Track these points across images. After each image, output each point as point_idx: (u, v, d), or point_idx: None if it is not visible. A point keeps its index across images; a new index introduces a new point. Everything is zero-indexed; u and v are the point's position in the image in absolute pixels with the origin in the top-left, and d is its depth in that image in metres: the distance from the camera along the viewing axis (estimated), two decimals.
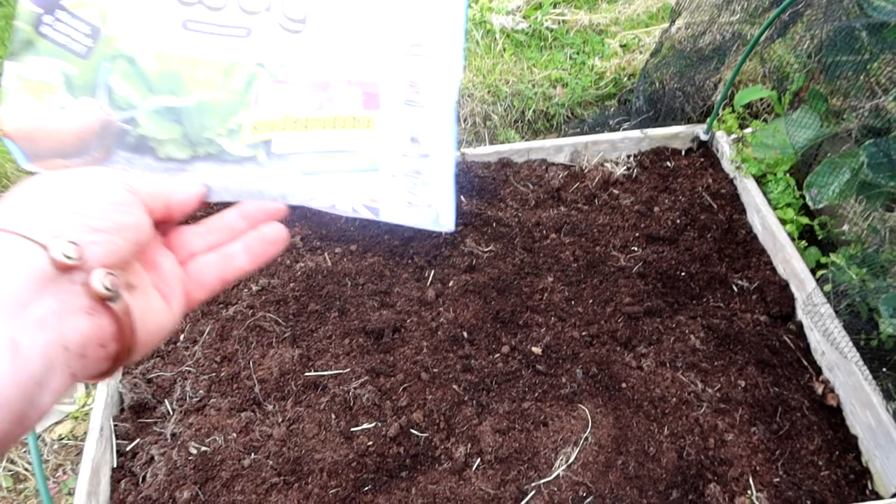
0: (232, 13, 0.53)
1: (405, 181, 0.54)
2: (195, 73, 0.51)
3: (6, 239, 0.35)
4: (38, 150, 0.48)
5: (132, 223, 0.40)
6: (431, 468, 1.18)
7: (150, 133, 0.50)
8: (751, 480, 1.14)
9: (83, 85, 0.49)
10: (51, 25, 0.48)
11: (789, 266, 1.40)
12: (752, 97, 1.62)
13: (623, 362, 1.29)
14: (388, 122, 0.56)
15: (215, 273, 0.47)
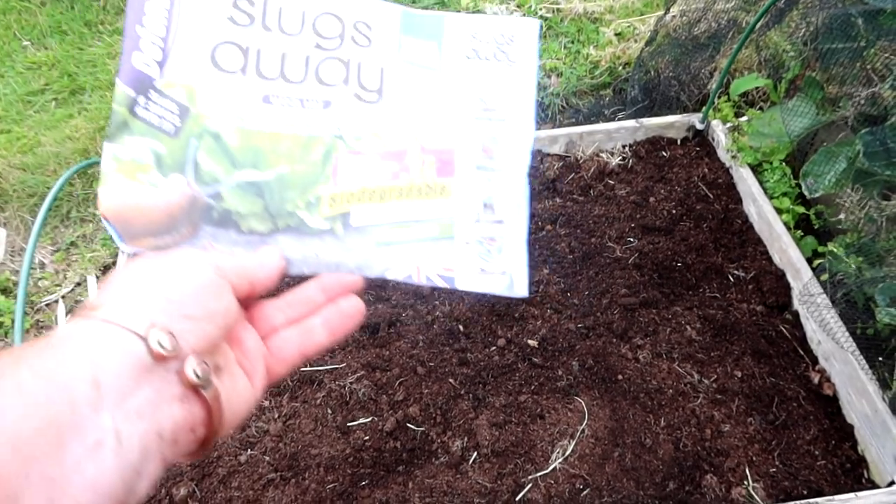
0: (311, 86, 0.54)
1: (479, 248, 0.55)
2: (276, 148, 0.53)
3: (108, 330, 0.36)
4: (133, 230, 0.49)
5: (222, 308, 0.42)
6: (428, 462, 1.18)
7: (234, 207, 0.52)
8: (747, 471, 1.15)
9: (172, 163, 0.51)
10: (144, 106, 0.50)
11: (785, 256, 1.39)
12: (748, 86, 1.61)
13: (619, 354, 1.29)
14: (462, 188, 0.56)
15: (296, 348, 0.48)
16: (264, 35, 0.55)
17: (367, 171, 0.55)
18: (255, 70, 0.54)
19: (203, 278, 0.42)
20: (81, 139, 2.02)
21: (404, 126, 0.56)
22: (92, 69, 2.24)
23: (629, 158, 1.66)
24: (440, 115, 0.58)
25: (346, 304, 0.50)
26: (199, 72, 0.53)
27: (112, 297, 0.38)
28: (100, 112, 2.07)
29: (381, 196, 0.54)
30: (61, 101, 2.21)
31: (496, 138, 0.58)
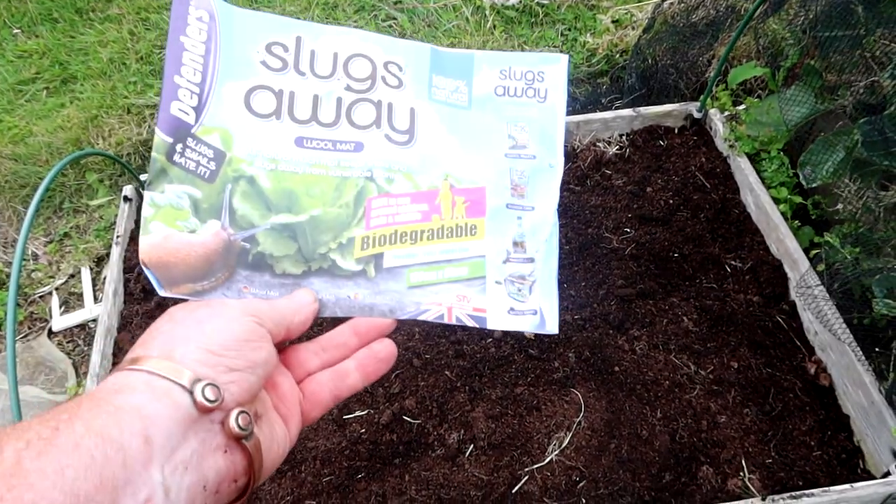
0: (343, 129, 0.56)
1: (509, 287, 0.56)
2: (309, 190, 0.54)
3: (156, 384, 0.37)
4: (172, 277, 0.50)
5: (262, 359, 0.43)
6: (425, 455, 1.18)
7: (268, 250, 0.53)
8: (743, 462, 1.15)
9: (209, 208, 0.52)
10: (181, 153, 0.52)
11: (783, 246, 1.39)
12: (746, 75, 1.60)
13: (616, 345, 1.29)
14: (492, 227, 0.57)
15: (329, 391, 0.49)
16: (297, 79, 0.56)
17: (399, 212, 0.56)
18: (288, 114, 0.55)
19: (243, 328, 0.43)
20: (73, 129, 2.01)
21: (435, 167, 0.57)
22: (84, 57, 2.22)
23: (626, 148, 1.65)
24: (470, 155, 0.59)
25: (379, 348, 0.51)
26: (235, 117, 0.54)
27: (156, 348, 0.40)
28: (91, 101, 2.05)
29: (413, 238, 0.55)
30: (53, 90, 2.19)
31: (526, 175, 0.59)
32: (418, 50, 0.60)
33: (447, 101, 0.60)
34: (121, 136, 1.95)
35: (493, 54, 0.61)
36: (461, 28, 2.04)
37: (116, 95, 2.05)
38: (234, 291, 0.52)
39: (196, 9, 0.54)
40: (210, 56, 0.54)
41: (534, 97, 0.61)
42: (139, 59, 2.15)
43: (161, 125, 0.52)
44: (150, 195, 0.51)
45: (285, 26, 0.57)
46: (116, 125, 1.97)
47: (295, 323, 0.48)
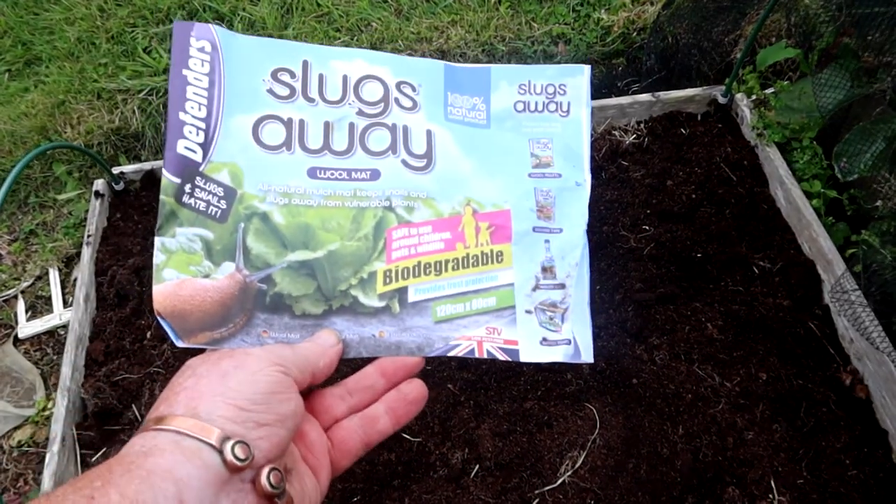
0: (358, 157, 0.57)
1: (541, 316, 0.57)
2: (325, 224, 0.55)
3: (183, 443, 0.38)
4: (188, 326, 0.52)
5: (291, 411, 0.44)
6: (426, 476, 1.18)
7: (286, 290, 0.54)
8: (773, 483, 1.15)
9: (222, 249, 0.54)
10: (190, 193, 0.53)
11: (815, 244, 1.39)
12: (777, 57, 1.59)
13: (633, 355, 1.29)
14: (519, 253, 0.58)
15: (359, 439, 0.51)
16: (307, 106, 0.57)
17: (421, 243, 0.56)
18: (299, 144, 0.56)
19: (269, 380, 0.44)
20: (39, 115, 2.00)
21: (456, 191, 0.58)
22: (49, 37, 2.20)
23: (644, 136, 1.65)
24: (492, 177, 0.59)
25: (409, 389, 0.52)
26: (244, 151, 0.55)
27: (181, 406, 0.41)
28: (58, 85, 2.04)
29: (438, 269, 0.56)
30: (15, 73, 2.18)
31: (552, 196, 0.59)
32: (431, 67, 0.61)
33: (464, 120, 0.60)
34: (91, 124, 1.94)
35: (510, 68, 0.62)
36: (463, 4, 2.02)
37: (85, 79, 2.04)
38: (253, 337, 0.53)
39: (197, 40, 0.55)
40: (215, 88, 0.55)
41: (556, 111, 0.61)
42: (110, 39, 2.14)
43: (168, 166, 0.53)
44: (160, 241, 0.52)
45: (291, 51, 0.58)
46: (86, 112, 1.97)
47: (320, 367, 0.49)
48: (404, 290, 0.55)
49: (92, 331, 1.46)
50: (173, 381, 0.44)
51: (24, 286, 1.78)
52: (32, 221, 1.89)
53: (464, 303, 0.56)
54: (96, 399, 1.31)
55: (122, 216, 1.66)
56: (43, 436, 1.53)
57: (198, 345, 0.52)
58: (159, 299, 0.51)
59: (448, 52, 1.90)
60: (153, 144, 1.93)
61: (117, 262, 1.54)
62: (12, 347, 1.66)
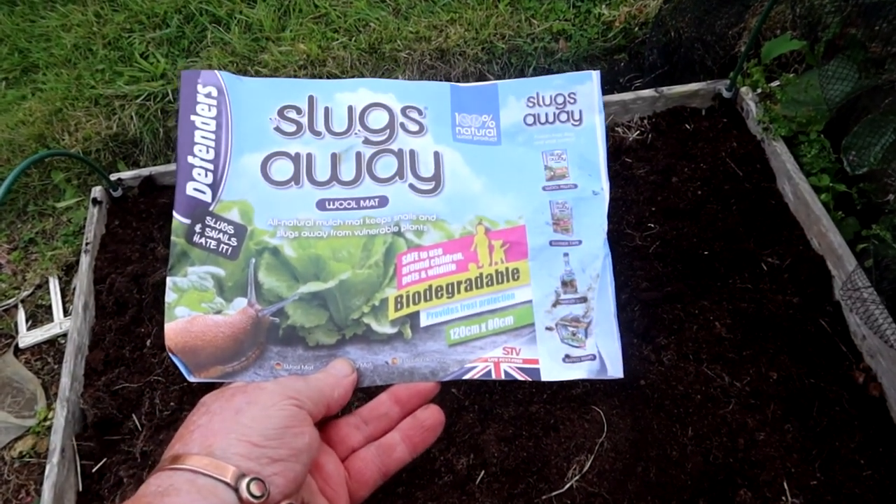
0: (366, 185, 0.58)
1: (562, 332, 0.56)
2: (336, 254, 0.56)
3: (199, 482, 0.39)
4: (200, 361, 0.53)
5: (305, 444, 0.44)
6: (431, 482, 1.16)
7: (299, 322, 0.55)
8: (785, 484, 1.13)
9: (234, 285, 0.55)
10: (201, 233, 0.54)
11: (825, 240, 1.37)
12: (782, 49, 1.57)
13: (641, 356, 1.27)
14: (537, 269, 0.57)
15: (376, 469, 0.50)
16: (314, 140, 0.59)
17: (432, 266, 0.56)
18: (307, 178, 0.57)
19: (283, 414, 0.44)
20: (36, 123, 1.99)
21: (466, 211, 0.58)
22: (45, 44, 2.20)
23: (648, 133, 1.63)
24: (504, 193, 0.59)
25: (425, 416, 0.52)
26: (253, 188, 0.56)
27: (196, 444, 0.41)
28: (55, 92, 2.03)
29: (450, 291, 0.56)
30: (12, 81, 2.17)
31: (568, 207, 0.58)
32: (436, 89, 0.62)
33: (474, 139, 0.60)
34: (88, 131, 1.93)
35: (517, 83, 0.62)
36: (462, 2, 2.00)
37: (82, 85, 2.03)
38: (266, 370, 0.53)
39: (204, 86, 0.57)
40: (222, 131, 0.57)
41: (567, 121, 0.61)
42: (106, 45, 2.13)
43: (178, 207, 0.54)
44: (171, 280, 0.54)
45: (296, 88, 0.60)
46: (83, 118, 1.96)
47: (334, 398, 0.49)
48: (416, 314, 0.55)
49: (91, 340, 1.45)
50: (188, 419, 0.44)
51: (25, 295, 1.77)
52: (32, 230, 1.88)
53: (479, 324, 0.55)
54: (96, 409, 1.30)
55: (121, 223, 1.65)
56: (44, 446, 1.52)
57: (210, 379, 0.52)
58: (170, 336, 0.52)
59: (447, 51, 1.88)
60: (151, 150, 1.92)
61: (116, 270, 1.53)
62: (13, 357, 1.65)
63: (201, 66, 1.96)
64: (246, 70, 1.92)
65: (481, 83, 0.63)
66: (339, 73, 1.87)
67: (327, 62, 1.89)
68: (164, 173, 1.69)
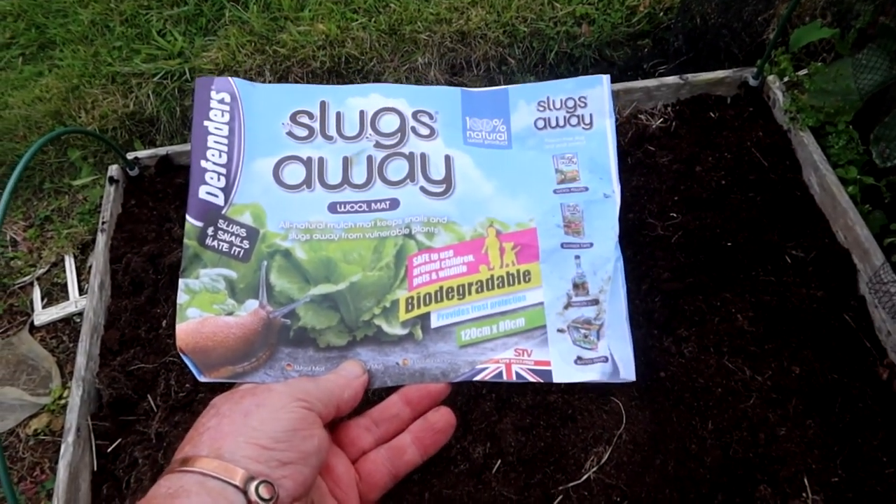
0: (377, 188, 0.59)
1: (574, 334, 0.56)
2: (347, 256, 0.57)
3: (208, 484, 0.39)
4: (210, 362, 0.54)
5: (315, 447, 0.44)
6: (447, 470, 1.16)
7: (310, 324, 0.55)
8: (806, 480, 1.12)
9: (245, 287, 0.56)
10: (213, 236, 0.56)
11: (851, 233, 1.34)
12: (812, 37, 1.54)
13: (661, 348, 1.26)
14: (548, 271, 0.57)
15: (387, 471, 0.51)
16: (325, 144, 0.60)
17: (443, 268, 0.57)
18: (319, 181, 0.59)
19: (292, 417, 0.44)
20: (53, 100, 1.98)
21: (477, 214, 0.58)
22: (62, 20, 2.18)
23: (672, 120, 1.60)
24: (515, 196, 0.59)
25: (436, 418, 0.52)
26: (265, 192, 0.58)
27: (205, 447, 0.42)
28: (72, 69, 2.02)
29: (461, 293, 0.56)
30: (29, 57, 2.16)
31: (579, 210, 0.59)
32: (447, 94, 0.62)
33: (484, 142, 0.61)
34: (105, 109, 1.92)
35: (527, 87, 0.63)
36: None
37: (99, 63, 2.02)
38: (276, 371, 0.54)
39: (217, 92, 0.58)
40: (235, 136, 0.58)
41: (578, 125, 0.62)
42: (124, 21, 2.11)
43: (190, 211, 0.56)
44: (184, 282, 0.55)
45: (309, 94, 0.61)
46: (100, 96, 1.95)
47: (344, 400, 0.50)
48: (426, 316, 0.55)
49: (107, 319, 1.44)
50: (198, 421, 0.45)
51: (40, 273, 1.77)
52: (48, 207, 1.88)
53: (490, 325, 0.55)
54: (111, 389, 1.30)
55: (137, 202, 1.64)
56: (59, 424, 1.52)
57: (220, 379, 0.53)
58: (182, 336, 0.54)
59: (468, 34, 1.85)
60: (168, 129, 1.91)
61: (132, 250, 1.52)
62: (28, 335, 1.66)
63: (218, 45, 1.95)
64: (264, 49, 1.90)
65: (492, 88, 0.63)
66: (359, 55, 1.85)
67: (346, 43, 1.86)
68: (180, 153, 1.68)
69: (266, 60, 1.88)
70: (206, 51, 1.95)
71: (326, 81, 1.88)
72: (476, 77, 1.87)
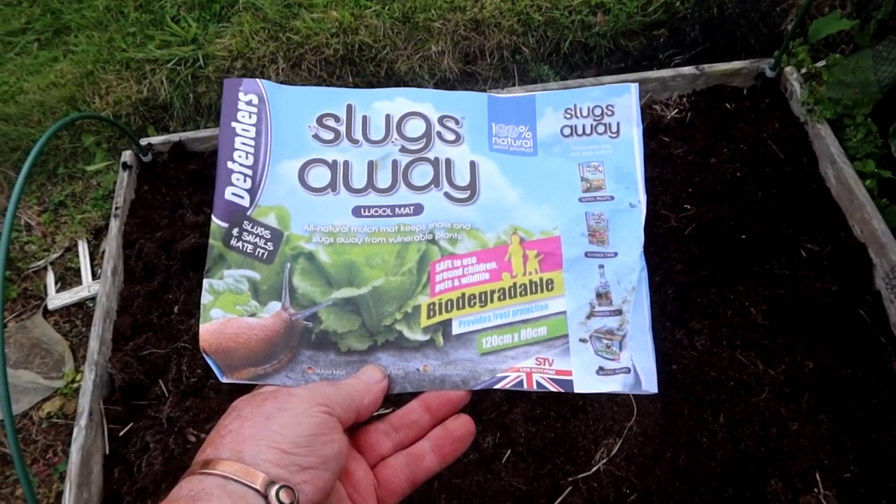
0: (402, 193, 0.58)
1: (596, 344, 0.55)
2: (370, 261, 0.57)
3: (230, 487, 0.39)
4: (233, 363, 0.54)
5: (335, 452, 0.44)
6: (456, 460, 1.15)
7: (332, 327, 0.55)
8: (818, 476, 1.11)
9: (268, 289, 0.56)
10: (238, 237, 0.56)
11: (868, 227, 1.32)
12: (831, 29, 1.51)
13: (673, 340, 1.25)
14: (572, 280, 0.57)
15: (405, 477, 0.50)
16: (351, 148, 0.60)
17: (465, 275, 0.57)
18: (344, 185, 0.59)
19: (313, 422, 0.44)
20: (68, 85, 1.98)
21: (501, 221, 0.58)
22: (77, 5, 2.18)
23: (687, 111, 1.58)
24: (540, 204, 0.59)
25: (455, 426, 0.52)
26: (290, 194, 0.58)
27: (226, 449, 0.42)
28: (87, 54, 2.02)
29: (483, 300, 0.56)
30: (45, 42, 2.17)
31: (604, 219, 0.58)
32: (474, 100, 0.62)
33: (510, 149, 0.61)
34: (119, 95, 1.92)
35: (555, 94, 0.63)
36: None
37: (114, 48, 2.02)
38: (298, 373, 0.54)
39: (245, 94, 0.59)
40: (262, 137, 0.58)
41: (605, 133, 0.61)
42: (138, 7, 2.11)
43: (216, 211, 0.56)
44: (208, 282, 0.55)
45: (335, 97, 0.61)
46: (114, 82, 1.94)
47: (364, 405, 0.49)
48: (448, 322, 0.55)
49: (119, 304, 1.45)
50: (219, 423, 0.45)
51: (54, 257, 1.77)
52: (62, 192, 1.89)
53: (511, 333, 0.55)
54: (123, 374, 1.30)
55: (150, 188, 1.64)
56: (72, 408, 1.53)
57: (241, 380, 0.53)
58: (205, 337, 0.53)
59: (482, 22, 1.83)
60: (181, 115, 1.91)
61: (145, 235, 1.52)
62: (42, 319, 1.66)
63: (232, 32, 1.94)
64: (277, 36, 1.89)
65: (519, 94, 0.63)
66: (372, 42, 1.83)
67: (360, 30, 1.85)
68: (193, 139, 1.68)
69: (279, 48, 1.87)
70: (219, 37, 1.94)
71: (339, 69, 1.87)
72: (489, 66, 1.85)
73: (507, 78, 1.85)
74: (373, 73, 1.87)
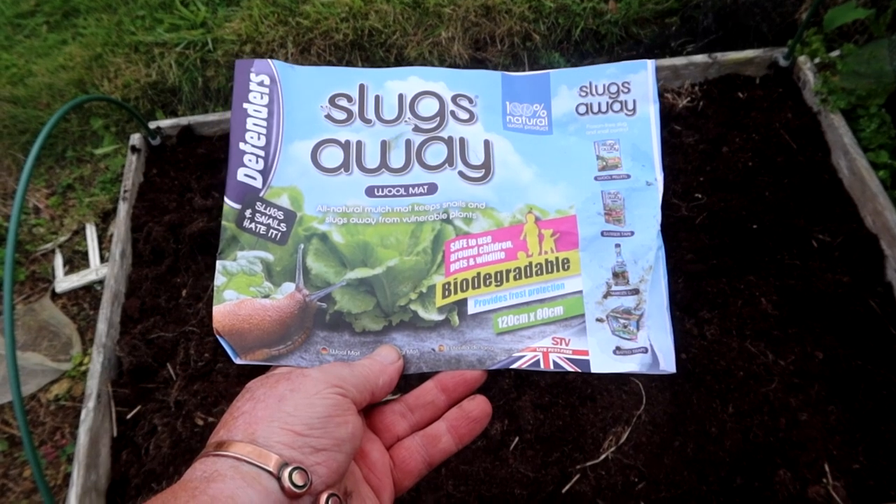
0: (415, 172, 0.58)
1: (613, 324, 0.54)
2: (384, 241, 0.56)
3: (243, 469, 0.39)
4: (246, 344, 0.53)
5: (349, 434, 0.44)
6: (464, 447, 1.15)
7: (346, 308, 0.55)
8: (826, 466, 1.10)
9: (282, 270, 0.55)
10: (251, 218, 0.56)
11: (880, 218, 1.31)
12: (846, 18, 1.49)
13: (683, 329, 1.24)
14: (588, 259, 0.56)
15: (422, 458, 0.50)
16: (364, 128, 0.59)
17: (481, 254, 0.56)
18: (357, 165, 0.58)
19: (326, 403, 0.43)
20: (76, 68, 1.97)
21: (516, 200, 0.57)
22: None
23: (699, 100, 1.57)
24: (555, 183, 0.58)
25: (471, 407, 0.51)
26: (303, 175, 0.57)
27: (239, 431, 0.41)
28: (96, 37, 2.01)
29: (499, 279, 0.55)
30: (54, 25, 2.15)
31: (620, 198, 0.57)
32: (487, 78, 0.61)
33: (524, 128, 0.60)
34: (128, 78, 1.91)
35: (569, 72, 0.61)
36: None
37: (123, 31, 2.01)
38: (312, 354, 0.54)
39: (257, 75, 0.58)
40: (274, 118, 0.58)
41: (621, 111, 0.60)
42: None
43: (229, 193, 0.55)
44: (221, 264, 0.55)
45: (348, 76, 0.61)
46: (123, 65, 1.93)
47: (379, 386, 0.49)
48: (463, 302, 0.55)
49: (128, 287, 1.44)
50: (233, 404, 0.44)
51: (62, 240, 1.77)
52: (70, 176, 1.88)
53: (528, 313, 0.55)
54: (131, 357, 1.30)
55: (159, 172, 1.63)
56: (79, 390, 1.53)
57: (255, 361, 0.53)
58: (218, 318, 0.53)
59: (493, 8, 1.82)
60: (190, 99, 1.90)
61: (153, 219, 1.51)
62: (50, 301, 1.66)
63: (241, 16, 1.92)
64: (287, 21, 1.88)
65: (533, 73, 0.62)
66: (382, 28, 1.82)
67: (370, 15, 1.84)
68: (202, 123, 1.67)
69: (289, 32, 1.86)
70: (228, 21, 1.93)
71: (349, 54, 1.86)
72: (500, 53, 1.83)
73: (518, 65, 1.84)
74: (382, 59, 1.85)
